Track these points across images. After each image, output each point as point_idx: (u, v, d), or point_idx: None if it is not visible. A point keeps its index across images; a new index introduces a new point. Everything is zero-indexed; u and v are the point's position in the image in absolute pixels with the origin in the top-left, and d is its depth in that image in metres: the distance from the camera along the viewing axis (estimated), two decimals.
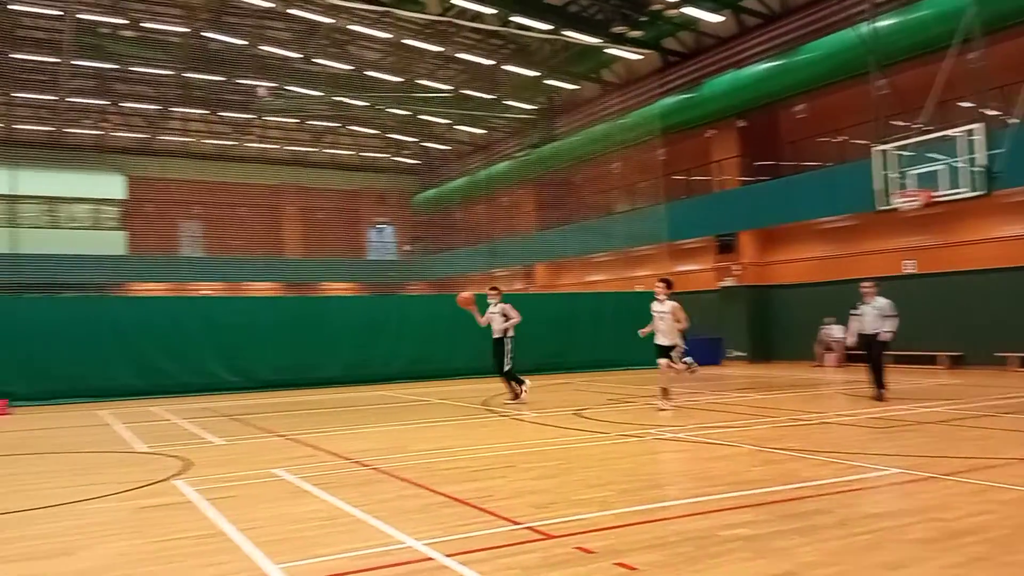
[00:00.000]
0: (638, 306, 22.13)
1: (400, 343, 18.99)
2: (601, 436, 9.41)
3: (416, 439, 9.70)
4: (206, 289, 33.30)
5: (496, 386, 16.12)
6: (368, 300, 26.02)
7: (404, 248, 44.79)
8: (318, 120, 37.98)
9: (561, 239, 31.45)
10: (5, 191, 34.05)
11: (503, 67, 30.75)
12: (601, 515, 5.57)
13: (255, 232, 40.30)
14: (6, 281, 28.71)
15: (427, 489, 6.52)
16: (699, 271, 26.65)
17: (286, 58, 30.60)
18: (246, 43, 29.04)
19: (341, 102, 34.10)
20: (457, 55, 30.12)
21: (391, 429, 10.76)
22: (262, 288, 35.71)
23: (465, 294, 13.70)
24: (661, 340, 11.69)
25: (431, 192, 43.14)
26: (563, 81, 31.56)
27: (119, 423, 12.17)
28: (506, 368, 13.27)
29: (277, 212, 41.91)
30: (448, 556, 4.60)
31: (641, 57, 27.71)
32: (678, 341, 11.76)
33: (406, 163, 44.53)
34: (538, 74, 30.92)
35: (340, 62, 31.11)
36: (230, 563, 4.67)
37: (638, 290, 26.10)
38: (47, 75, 30.61)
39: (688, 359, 12.96)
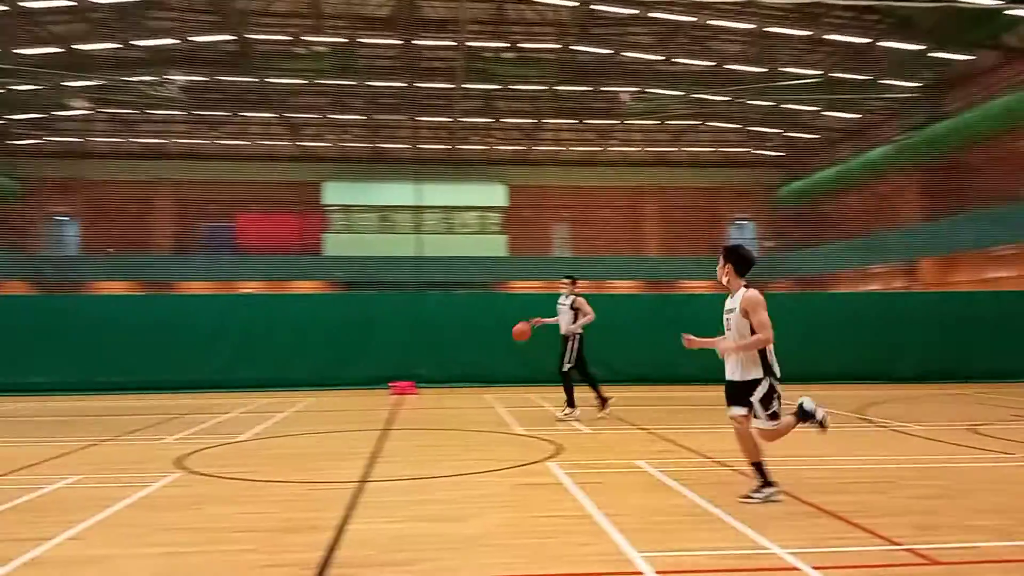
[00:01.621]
0: None
1: None
2: (1003, 456, 8.17)
3: (780, 444, 9.31)
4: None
5: (872, 394, 14.89)
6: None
7: (766, 245, 43.15)
8: (678, 119, 38.24)
9: (953, 231, 27.83)
10: (412, 202, 39.80)
11: (879, 44, 28.08)
12: (999, 545, 4.87)
13: (618, 232, 41.89)
14: (413, 280, 33.46)
15: (793, 497, 6.24)
16: None
17: (647, 61, 31.29)
18: (610, 51, 30.29)
19: (701, 99, 33.94)
20: (826, 37, 28.21)
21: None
22: (624, 286, 37.00)
23: (520, 327, 11.91)
24: (732, 371, 6.19)
25: (796, 185, 40.96)
26: (954, 52, 27.90)
27: (502, 407, 13.50)
28: (564, 368, 11.51)
29: (638, 212, 43.09)
30: (816, 568, 4.38)
31: None
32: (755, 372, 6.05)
33: (769, 156, 42.85)
34: (922, 47, 27.71)
35: (700, 59, 30.98)
36: (596, 544, 4.95)
37: None
38: (444, 100, 35.03)
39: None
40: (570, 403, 11.63)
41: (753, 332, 5.97)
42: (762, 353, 6.03)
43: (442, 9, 28.83)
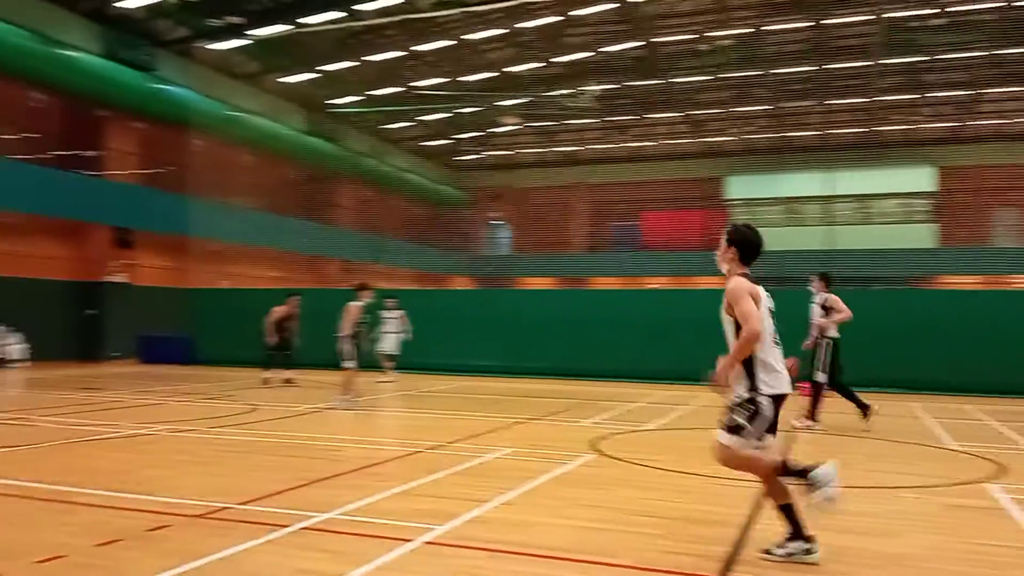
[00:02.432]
0: None
1: None
2: None
3: None
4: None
5: None
6: None
7: None
8: None
9: None
10: (822, 192, 37.52)
11: None
12: None
13: None
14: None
15: None
16: None
17: None
18: None
19: None
20: None
21: None
22: None
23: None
24: None
25: None
26: None
27: (930, 417, 12.10)
28: (815, 377, 10.46)
29: None
30: None
31: None
32: None
33: None
34: None
35: None
36: None
37: None
38: (859, 79, 32.39)
39: None
40: (812, 415, 10.48)
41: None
42: (747, 362, 4.63)
43: None
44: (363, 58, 29.91)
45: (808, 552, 4.56)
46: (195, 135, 25.27)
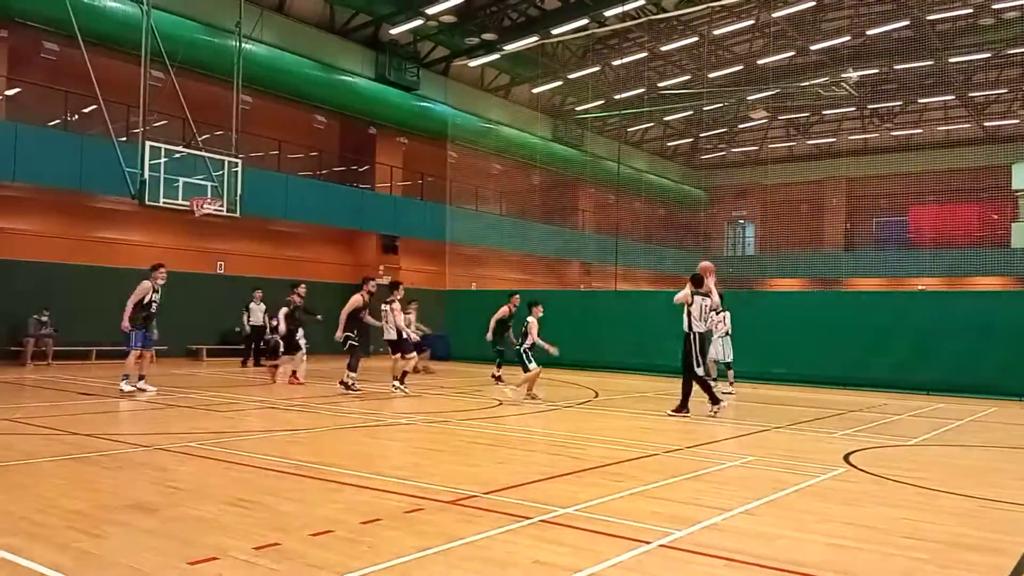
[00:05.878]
0: None
1: None
2: None
3: None
4: None
5: None
6: None
7: None
8: None
9: None
10: None
11: None
12: None
13: None
14: None
15: None
16: None
17: None
18: None
19: None
20: None
21: None
22: None
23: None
24: None
25: None
26: None
27: None
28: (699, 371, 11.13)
29: None
30: None
31: None
32: None
33: None
34: None
35: None
36: None
37: None
38: None
39: None
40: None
41: None
42: None
43: None
44: (607, 63, 30.24)
45: None
46: (452, 148, 27.05)
